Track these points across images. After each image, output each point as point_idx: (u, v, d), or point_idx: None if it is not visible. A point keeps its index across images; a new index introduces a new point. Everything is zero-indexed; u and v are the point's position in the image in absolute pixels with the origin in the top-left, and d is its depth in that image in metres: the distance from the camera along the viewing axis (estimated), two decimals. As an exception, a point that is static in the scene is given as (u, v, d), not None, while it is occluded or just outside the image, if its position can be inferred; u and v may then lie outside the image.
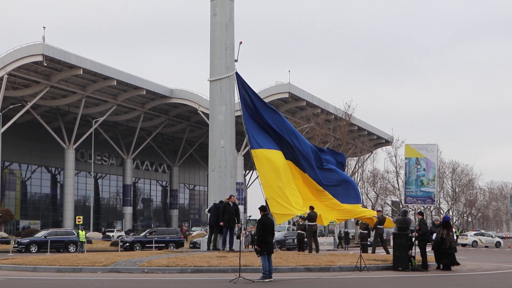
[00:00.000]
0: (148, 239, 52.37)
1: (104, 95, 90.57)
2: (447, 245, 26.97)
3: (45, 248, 47.98)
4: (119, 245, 52.31)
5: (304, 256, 29.76)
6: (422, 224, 27.25)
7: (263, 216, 21.40)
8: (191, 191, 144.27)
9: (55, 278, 23.10)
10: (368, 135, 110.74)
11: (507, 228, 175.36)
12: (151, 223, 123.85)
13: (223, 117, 32.26)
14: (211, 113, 33.07)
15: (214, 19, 32.75)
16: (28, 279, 22.97)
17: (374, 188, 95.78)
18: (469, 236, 74.77)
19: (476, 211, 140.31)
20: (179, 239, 53.64)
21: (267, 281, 20.30)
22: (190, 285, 20.03)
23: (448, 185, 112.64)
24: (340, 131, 77.30)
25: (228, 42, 32.59)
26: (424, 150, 74.04)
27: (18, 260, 30.25)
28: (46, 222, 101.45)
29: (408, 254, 25.99)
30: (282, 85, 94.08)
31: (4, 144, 78.97)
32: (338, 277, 23.03)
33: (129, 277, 23.10)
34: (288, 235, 54.25)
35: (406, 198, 75.20)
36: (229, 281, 20.25)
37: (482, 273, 26.30)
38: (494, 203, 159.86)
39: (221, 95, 32.39)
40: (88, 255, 33.90)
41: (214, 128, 32.55)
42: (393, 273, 24.79)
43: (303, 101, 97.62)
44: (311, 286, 19.56)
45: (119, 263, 25.97)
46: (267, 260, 20.62)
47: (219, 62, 32.50)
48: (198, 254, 29.31)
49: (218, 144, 32.10)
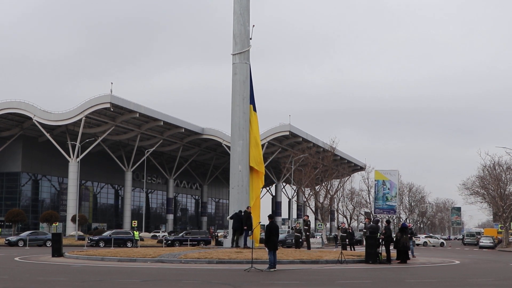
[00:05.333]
0: (184, 238, 52.12)
1: (154, 132, 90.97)
2: (400, 245, 26.98)
3: (110, 243, 47.93)
4: (163, 242, 52.23)
5: (299, 252, 29.63)
6: (388, 229, 27.17)
7: (270, 222, 21.32)
8: (217, 203, 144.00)
9: (117, 266, 23.08)
10: (347, 163, 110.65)
11: (449, 232, 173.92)
12: (187, 226, 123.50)
13: (241, 149, 32.34)
14: (232, 146, 33.17)
15: (234, 77, 32.96)
16: (98, 266, 22.96)
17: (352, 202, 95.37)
18: (421, 238, 74.32)
19: (426, 220, 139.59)
20: (207, 238, 53.37)
21: (272, 270, 20.19)
22: (215, 272, 19.95)
23: (406, 200, 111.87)
24: (327, 160, 77.14)
25: (244, 93, 32.74)
26: (388, 174, 73.64)
27: (90, 252, 30.30)
28: (110, 224, 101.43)
29: (376, 251, 25.89)
30: (284, 125, 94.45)
31: (81, 167, 79.46)
32: (325, 267, 22.91)
33: (171, 266, 23.03)
34: (288, 236, 53.83)
35: (375, 209, 74.59)
36: (244, 270, 20.15)
37: (431, 265, 26.15)
38: (440, 214, 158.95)
39: (239, 133, 32.48)
40: (140, 249, 33.84)
41: (234, 157, 32.61)
42: (365, 265, 24.65)
43: (299, 137, 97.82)
44: (304, 274, 19.45)
45: (163, 255, 25.94)
46: (272, 255, 20.54)
47: (237, 108, 32.65)
48: (221, 250, 29.21)
49: (237, 169, 32.14)
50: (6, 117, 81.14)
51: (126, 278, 17.76)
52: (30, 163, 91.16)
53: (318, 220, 75.99)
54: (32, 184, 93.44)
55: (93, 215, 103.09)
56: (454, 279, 18.62)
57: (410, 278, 18.49)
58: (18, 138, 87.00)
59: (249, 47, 32.97)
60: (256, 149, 32.94)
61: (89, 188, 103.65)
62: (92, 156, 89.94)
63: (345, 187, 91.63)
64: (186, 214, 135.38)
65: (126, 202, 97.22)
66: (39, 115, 78.22)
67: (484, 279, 18.87)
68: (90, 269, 21.01)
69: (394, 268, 23.25)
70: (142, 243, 53.89)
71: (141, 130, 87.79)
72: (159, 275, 18.79)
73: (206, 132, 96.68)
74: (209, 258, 24.43)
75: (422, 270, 22.97)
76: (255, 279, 17.35)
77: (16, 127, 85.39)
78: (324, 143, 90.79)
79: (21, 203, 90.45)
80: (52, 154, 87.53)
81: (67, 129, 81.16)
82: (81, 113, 76.82)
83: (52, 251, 29.84)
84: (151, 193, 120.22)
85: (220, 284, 15.78)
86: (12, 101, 78.75)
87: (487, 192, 72.49)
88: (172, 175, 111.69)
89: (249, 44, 33.05)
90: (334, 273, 20.09)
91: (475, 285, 16.76)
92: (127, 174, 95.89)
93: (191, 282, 16.32)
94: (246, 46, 32.98)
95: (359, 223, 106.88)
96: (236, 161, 32.27)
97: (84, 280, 16.64)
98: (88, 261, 25.73)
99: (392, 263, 26.00)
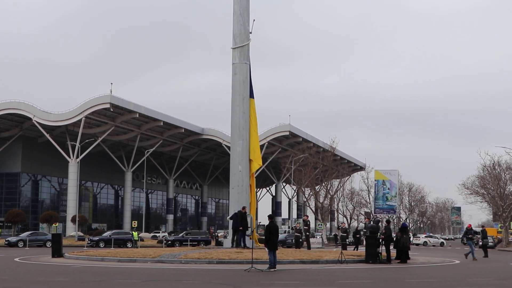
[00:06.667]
0: (184, 238, 52.09)
1: (153, 132, 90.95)
2: (400, 245, 26.97)
3: (110, 244, 47.92)
4: (163, 242, 52.18)
5: (299, 252, 29.61)
6: (387, 229, 27.14)
7: (270, 222, 21.28)
8: (217, 203, 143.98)
9: (117, 266, 23.05)
10: (347, 163, 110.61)
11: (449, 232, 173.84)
12: (187, 227, 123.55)
13: (241, 149, 32.31)
14: (232, 146, 33.16)
15: (234, 77, 32.95)
16: (98, 266, 22.93)
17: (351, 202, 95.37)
18: (421, 238, 74.25)
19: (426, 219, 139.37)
20: (207, 238, 53.33)
21: (272, 270, 20.15)
22: (215, 272, 19.93)
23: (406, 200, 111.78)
24: (327, 160, 77.09)
25: (244, 93, 32.72)
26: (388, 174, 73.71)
27: (90, 252, 30.28)
28: (110, 225, 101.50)
29: (376, 251, 25.86)
30: (284, 125, 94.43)
31: (81, 168, 79.45)
32: (325, 267, 22.88)
33: (171, 266, 23.01)
34: (288, 236, 53.71)
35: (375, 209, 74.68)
36: (244, 270, 20.12)
37: (431, 265, 26.11)
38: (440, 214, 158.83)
39: (239, 132, 32.46)
40: (140, 250, 33.83)
41: (234, 157, 32.58)
42: (365, 265, 24.60)
43: (299, 138, 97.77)
44: (304, 274, 19.44)
45: (163, 256, 25.91)
46: (272, 255, 20.51)
47: (237, 108, 32.62)
48: (221, 250, 29.19)
49: (237, 169, 32.11)
50: (5, 118, 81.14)
51: (126, 278, 17.75)
52: (30, 164, 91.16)
53: (318, 220, 75.98)
54: (32, 185, 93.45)
55: (93, 216, 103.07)
56: (454, 279, 18.60)
57: (410, 278, 18.48)
58: (18, 138, 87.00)
59: (249, 41, 32.91)
60: (254, 136, 32.83)
61: (89, 189, 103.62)
62: (92, 157, 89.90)
63: (345, 187, 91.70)
64: (186, 214, 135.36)
65: (126, 203, 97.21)
66: (38, 116, 78.21)
67: (484, 279, 18.85)
68: (90, 270, 20.99)
69: (394, 268, 23.23)
70: (142, 243, 53.86)
71: (141, 131, 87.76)
72: (159, 275, 18.77)
73: (206, 132, 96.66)
74: (209, 258, 24.40)
75: (422, 270, 22.95)
76: (255, 279, 17.34)
77: (16, 128, 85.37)
78: (324, 143, 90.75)
79: (21, 203, 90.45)
80: (52, 155, 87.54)
81: (67, 130, 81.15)
82: (81, 114, 76.80)
83: (52, 251, 29.83)
84: (151, 193, 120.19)
85: (220, 284, 15.77)
86: (11, 101, 78.73)
87: (486, 192, 72.50)
88: (172, 175, 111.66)
89: (249, 38, 33.01)
90: (334, 273, 20.08)
91: (475, 284, 16.74)
92: (127, 174, 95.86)
93: (191, 283, 16.31)
94: (246, 47, 32.97)
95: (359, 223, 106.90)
96: (236, 161, 32.24)
97: (84, 281, 16.63)
98: (88, 262, 25.70)
99: (392, 263, 25.98)
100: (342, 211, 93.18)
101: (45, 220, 76.71)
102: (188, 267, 22.28)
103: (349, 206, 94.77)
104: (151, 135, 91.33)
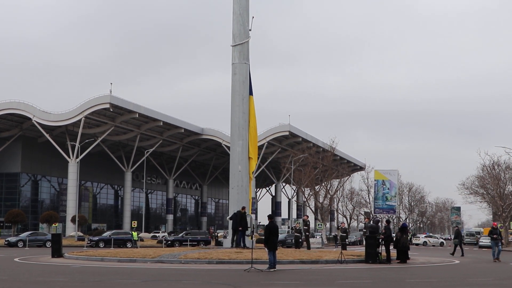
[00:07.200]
0: (184, 238, 52.05)
1: (153, 132, 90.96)
2: (400, 245, 26.97)
3: (110, 244, 47.90)
4: (163, 242, 52.14)
5: (299, 252, 29.62)
6: (387, 229, 27.12)
7: (270, 222, 21.28)
8: (216, 203, 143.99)
9: (116, 266, 23.05)
10: (347, 163, 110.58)
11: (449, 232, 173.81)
12: (187, 227, 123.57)
13: (240, 149, 32.32)
14: (232, 146, 33.16)
15: (234, 77, 32.96)
16: (97, 266, 22.93)
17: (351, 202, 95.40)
18: (420, 238, 74.19)
19: (426, 219, 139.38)
20: (207, 238, 53.33)
21: (272, 270, 20.15)
22: (215, 272, 19.93)
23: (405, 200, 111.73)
24: (327, 160, 77.09)
25: (244, 93, 32.73)
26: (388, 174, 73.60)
27: (90, 252, 30.28)
28: (110, 225, 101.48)
29: (376, 251, 25.84)
30: (284, 125, 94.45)
31: (81, 168, 79.48)
32: (325, 267, 22.88)
33: (170, 266, 23.00)
34: (288, 236, 53.67)
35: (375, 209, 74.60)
36: (244, 270, 20.12)
37: (431, 265, 26.10)
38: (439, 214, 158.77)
39: (239, 133, 32.46)
40: (140, 250, 33.82)
41: (234, 157, 32.58)
42: (365, 265, 24.59)
43: (299, 137, 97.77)
44: (304, 274, 19.43)
45: (163, 256, 25.91)
46: (272, 255, 20.50)
47: (237, 108, 32.63)
48: (221, 250, 29.20)
49: (236, 169, 32.11)
50: (5, 118, 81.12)
51: (126, 278, 17.75)
52: (29, 164, 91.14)
53: (318, 220, 75.93)
54: (31, 185, 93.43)
55: (92, 216, 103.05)
56: (454, 279, 18.61)
57: (410, 278, 18.48)
58: (17, 138, 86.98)
59: (248, 39, 32.90)
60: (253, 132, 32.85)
61: (88, 189, 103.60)
62: (92, 157, 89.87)
63: (345, 187, 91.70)
64: (186, 215, 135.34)
65: (125, 203, 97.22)
66: (38, 116, 78.19)
67: (484, 279, 18.86)
68: (90, 270, 20.99)
69: (394, 268, 23.22)
70: (142, 243, 53.84)
71: (140, 131, 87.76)
72: (159, 275, 18.77)
73: (205, 132, 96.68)
74: (209, 258, 24.40)
75: (422, 270, 22.95)
76: (255, 279, 17.34)
77: (16, 128, 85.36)
78: (323, 143, 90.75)
79: (20, 203, 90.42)
80: (51, 155, 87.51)
81: (67, 130, 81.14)
82: (81, 114, 76.80)
83: (51, 251, 29.83)
84: (151, 193, 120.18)
85: (220, 284, 15.77)
86: (11, 101, 78.72)
87: (486, 192, 72.49)
88: (171, 175, 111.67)
89: (249, 36, 33.00)
90: (334, 273, 20.07)
91: (475, 284, 16.75)
92: (126, 174, 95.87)
93: (191, 283, 16.31)
94: (246, 46, 32.98)
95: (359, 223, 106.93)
96: (236, 161, 32.24)
97: (84, 281, 16.63)
98: (88, 262, 25.70)
99: (392, 263, 25.97)
100: (342, 211, 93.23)
101: (45, 220, 76.71)
102: (188, 267, 22.27)
103: (349, 206, 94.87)
104: (151, 135, 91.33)
